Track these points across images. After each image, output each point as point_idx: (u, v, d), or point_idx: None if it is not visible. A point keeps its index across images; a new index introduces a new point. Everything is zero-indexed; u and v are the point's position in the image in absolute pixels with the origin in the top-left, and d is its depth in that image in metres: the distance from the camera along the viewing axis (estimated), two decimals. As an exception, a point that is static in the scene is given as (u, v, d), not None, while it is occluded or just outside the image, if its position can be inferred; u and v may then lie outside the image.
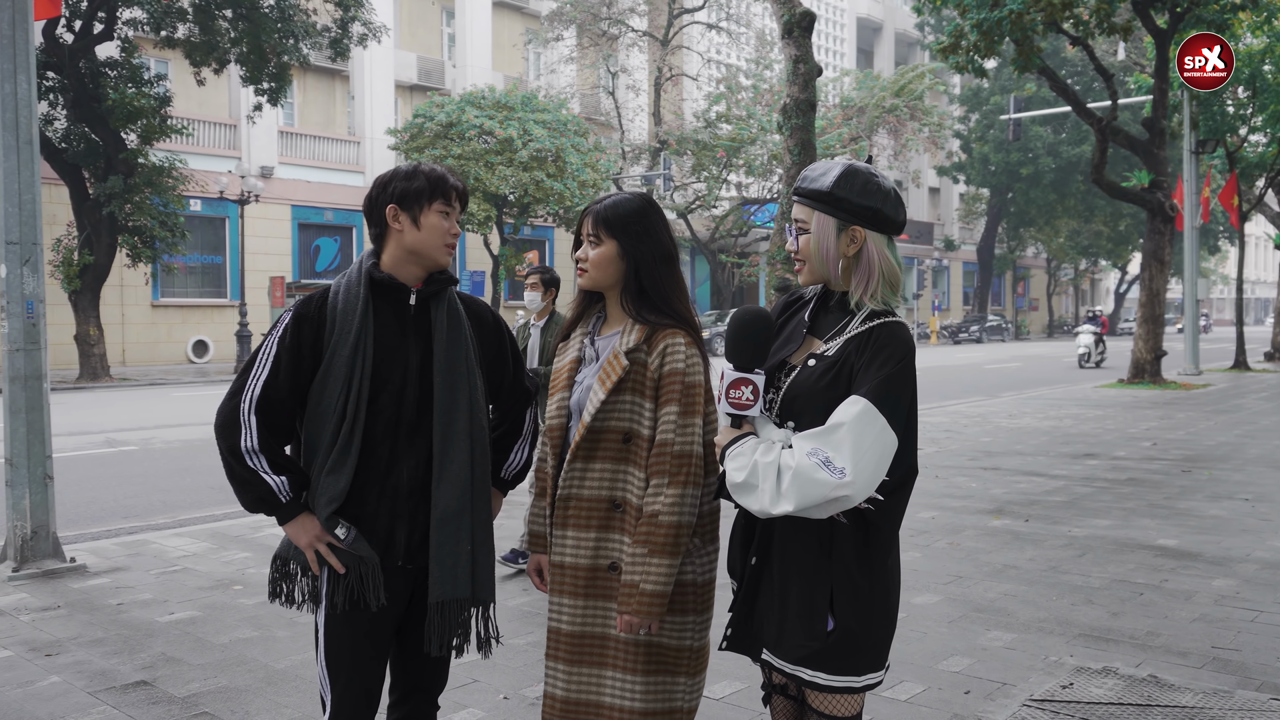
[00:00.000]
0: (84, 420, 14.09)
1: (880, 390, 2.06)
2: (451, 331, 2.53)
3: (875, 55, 53.59)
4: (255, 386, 2.43)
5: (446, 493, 2.47)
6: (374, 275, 2.49)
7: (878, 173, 2.21)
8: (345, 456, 2.41)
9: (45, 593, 5.46)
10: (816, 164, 2.26)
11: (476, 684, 4.07)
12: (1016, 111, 31.80)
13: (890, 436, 2.06)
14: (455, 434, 2.48)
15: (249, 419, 2.41)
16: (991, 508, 7.63)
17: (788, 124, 11.73)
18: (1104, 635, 4.61)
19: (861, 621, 2.16)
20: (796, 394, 2.20)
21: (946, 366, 27.99)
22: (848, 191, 2.16)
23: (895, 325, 2.18)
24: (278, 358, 2.44)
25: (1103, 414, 14.59)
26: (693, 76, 38.25)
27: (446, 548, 2.46)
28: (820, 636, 2.16)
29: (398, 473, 2.47)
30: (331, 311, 2.47)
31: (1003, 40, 17.32)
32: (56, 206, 23.67)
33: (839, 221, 2.18)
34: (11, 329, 5.93)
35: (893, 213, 2.19)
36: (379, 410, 2.45)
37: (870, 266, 2.19)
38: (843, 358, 2.16)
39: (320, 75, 31.83)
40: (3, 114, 5.99)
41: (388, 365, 2.47)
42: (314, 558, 2.45)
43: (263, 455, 2.40)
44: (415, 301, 2.53)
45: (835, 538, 2.17)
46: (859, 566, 2.16)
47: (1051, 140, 44.49)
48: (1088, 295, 71.56)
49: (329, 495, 2.41)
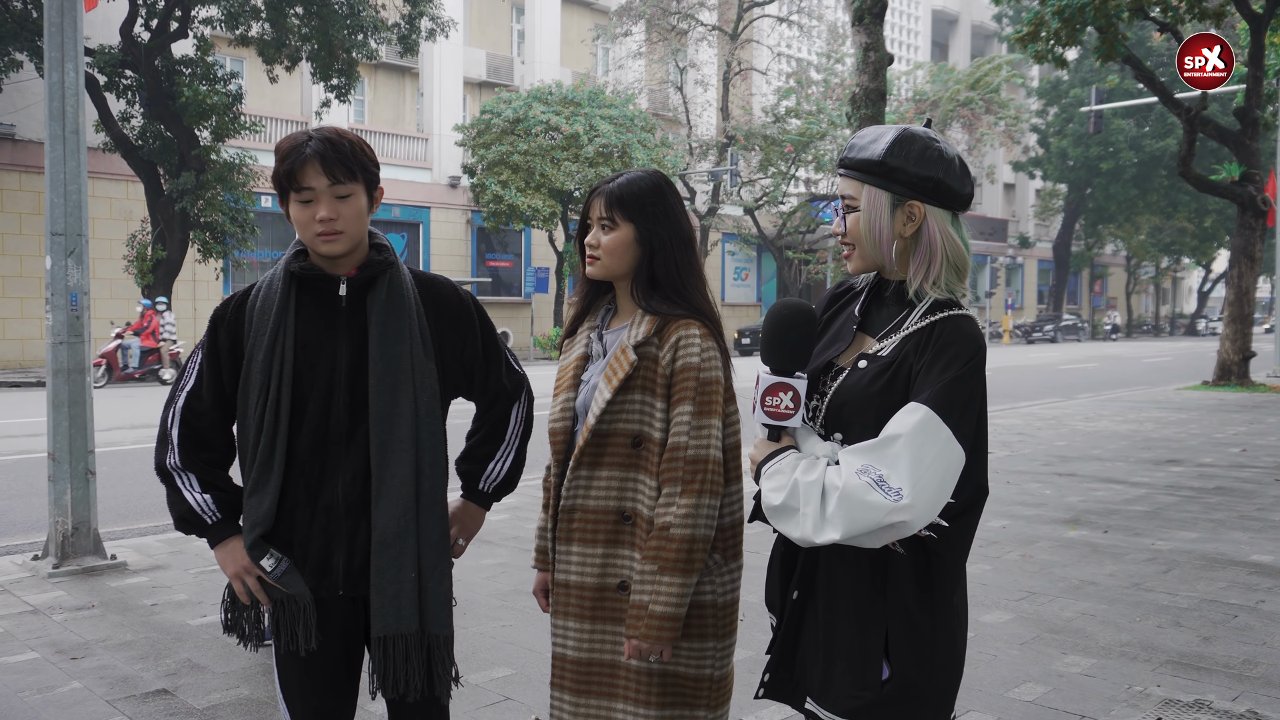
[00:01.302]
0: (148, 413, 14.24)
1: (944, 396, 1.75)
2: (390, 324, 2.19)
3: (951, 48, 52.47)
4: (179, 399, 2.24)
5: (386, 512, 2.15)
6: (290, 268, 2.20)
7: (938, 137, 1.87)
8: (267, 473, 2.14)
9: (82, 591, 5.36)
10: (866, 130, 1.92)
11: (508, 702, 3.83)
12: (1098, 103, 30.77)
13: (956, 451, 1.75)
14: (396, 443, 2.17)
15: (172, 433, 2.23)
16: (1067, 517, 7.19)
17: (856, 114, 11.33)
18: (1194, 663, 4.21)
19: (922, 669, 1.83)
20: (845, 400, 1.88)
21: (1019, 366, 27.19)
22: (903, 160, 1.83)
23: (962, 319, 1.84)
24: (201, 366, 2.23)
25: (1186, 417, 13.91)
26: (762, 71, 37.77)
27: (388, 575, 2.15)
28: (874, 686, 1.84)
29: (330, 489, 2.18)
30: (250, 312, 2.20)
31: (1085, 28, 16.67)
32: (133, 203, 24.13)
33: (893, 196, 1.85)
34: (55, 321, 5.84)
35: (957, 184, 1.86)
36: (305, 419, 2.16)
37: (932, 248, 1.85)
38: (899, 358, 1.84)
39: (390, 73, 32.07)
40: (50, 103, 5.92)
41: (312, 368, 2.17)
42: (241, 589, 2.19)
43: (189, 472, 2.21)
44: (346, 292, 2.21)
45: (891, 570, 1.84)
46: (919, 604, 1.84)
47: (1134, 133, 43.05)
48: (1169, 294, 69.44)
49: (253, 519, 2.15)
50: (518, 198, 27.39)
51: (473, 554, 5.85)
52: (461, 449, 2.49)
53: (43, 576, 5.59)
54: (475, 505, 2.47)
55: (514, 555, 6.06)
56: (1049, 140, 45.76)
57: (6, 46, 19.39)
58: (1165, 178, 41.77)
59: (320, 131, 2.15)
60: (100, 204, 23.97)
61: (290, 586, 2.15)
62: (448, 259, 31.87)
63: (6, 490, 8.48)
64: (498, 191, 27.47)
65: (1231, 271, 18.88)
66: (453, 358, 2.33)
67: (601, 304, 2.30)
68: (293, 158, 2.11)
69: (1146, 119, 43.33)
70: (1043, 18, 16.61)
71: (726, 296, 40.52)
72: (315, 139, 2.12)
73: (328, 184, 2.12)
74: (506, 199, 27.40)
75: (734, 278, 41.26)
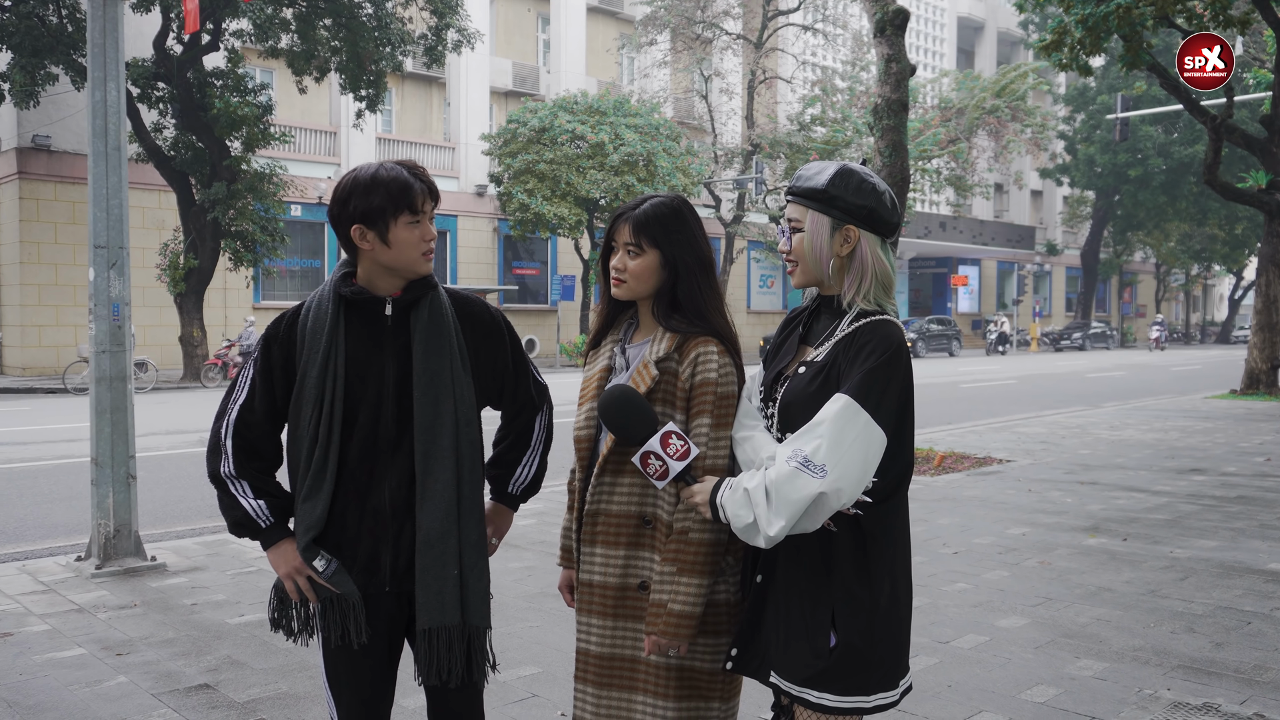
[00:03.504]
0: (182, 419, 14.51)
1: (862, 384, 2.02)
2: (432, 340, 2.37)
3: (976, 55, 52.31)
4: (232, 411, 2.39)
5: (430, 514, 2.32)
6: (341, 291, 2.37)
7: (872, 174, 2.17)
8: (320, 481, 2.31)
9: (124, 591, 5.55)
10: (811, 164, 2.22)
11: (535, 699, 3.97)
12: (1124, 111, 30.60)
13: (876, 433, 2.00)
14: (438, 451, 2.34)
15: (226, 444, 2.37)
16: (1087, 525, 7.26)
17: (879, 125, 11.41)
18: (1205, 668, 4.29)
19: (865, 637, 2.08)
20: (789, 402, 2.16)
21: (1046, 374, 27.09)
22: (842, 190, 2.13)
23: (881, 322, 2.12)
24: (253, 381, 2.38)
25: (1212, 426, 13.88)
26: (787, 79, 37.82)
27: (432, 572, 2.32)
28: (824, 654, 2.08)
29: (379, 494, 2.35)
30: (301, 331, 2.36)
31: (1110, 36, 16.62)
32: (165, 212, 24.55)
33: (833, 220, 2.15)
34: (98, 331, 6.05)
35: (887, 214, 2.16)
36: (356, 430, 2.34)
37: (863, 267, 2.15)
38: (831, 360, 2.12)
39: (418, 83, 32.41)
40: (93, 120, 6.14)
41: (362, 382, 2.34)
42: (293, 588, 2.36)
43: (243, 480, 2.36)
44: (391, 312, 2.38)
45: (834, 550, 2.10)
46: (858, 579, 2.09)
47: (1162, 140, 42.78)
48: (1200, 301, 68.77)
49: (306, 523, 2.31)
50: (544, 206, 27.62)
51: (501, 557, 6.00)
52: (490, 455, 2.65)
53: (86, 577, 5.79)
54: (504, 506, 2.65)
55: (540, 559, 6.20)
56: (1076, 147, 45.51)
57: (43, 60, 19.82)
58: (1194, 184, 41.41)
59: (412, 166, 2.35)
60: (134, 213, 24.41)
61: (339, 586, 2.31)
62: (475, 267, 32.16)
63: (50, 494, 8.73)
64: (524, 200, 27.72)
65: (1259, 280, 18.77)
66: (486, 371, 2.50)
67: (624, 319, 2.46)
68: (410, 188, 2.30)
69: (1174, 125, 43.05)
70: (1066, 27, 16.59)
71: (752, 304, 40.61)
72: (418, 171, 2.34)
73: (432, 207, 2.36)
74: (532, 207, 27.64)
75: (759, 285, 41.34)
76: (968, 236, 45.13)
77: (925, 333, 38.73)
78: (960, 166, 35.06)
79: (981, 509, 7.88)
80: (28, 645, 4.61)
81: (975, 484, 9.07)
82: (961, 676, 4.19)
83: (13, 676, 4.21)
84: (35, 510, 8.06)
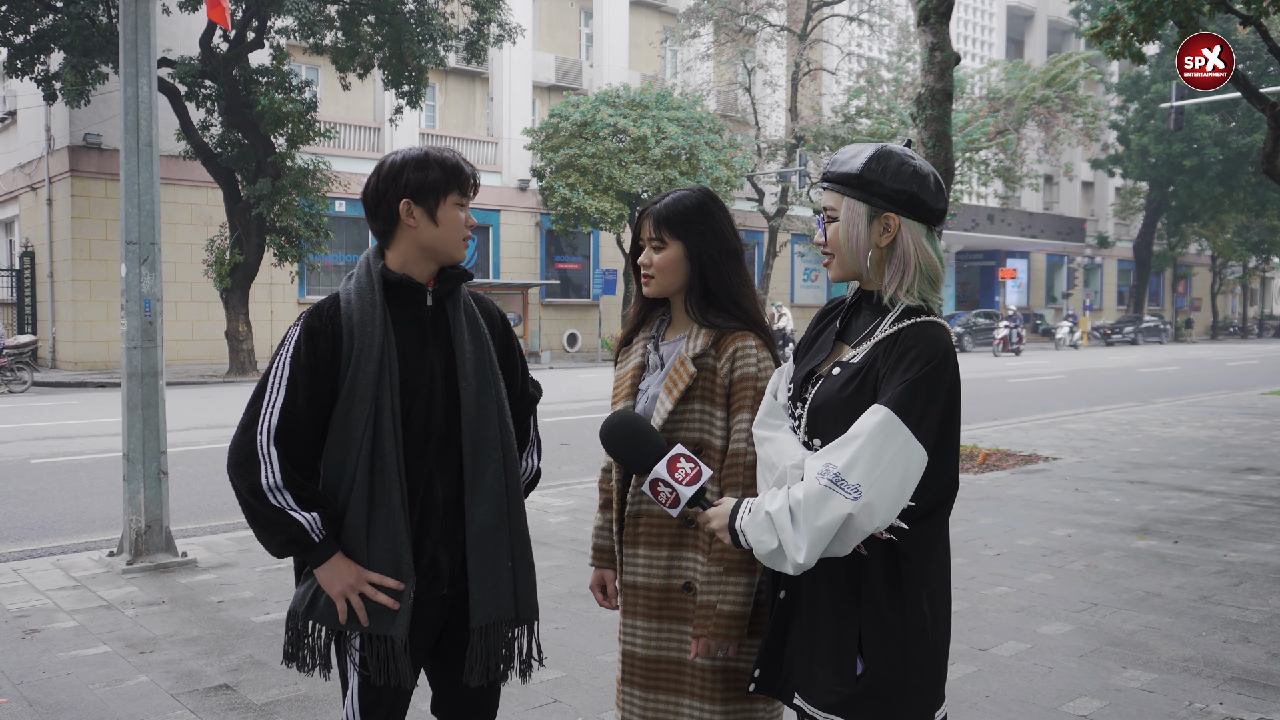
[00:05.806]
0: (225, 414, 14.64)
1: (904, 397, 1.81)
2: (472, 331, 2.32)
3: (1026, 44, 51.41)
4: (272, 415, 2.16)
5: (482, 507, 2.26)
6: (388, 277, 2.25)
7: (915, 155, 1.96)
8: (388, 484, 2.18)
9: (153, 587, 5.54)
10: (847, 148, 2.01)
11: (556, 704, 3.88)
12: (1179, 99, 29.88)
13: (917, 451, 1.80)
14: (485, 441, 2.28)
15: (268, 451, 2.13)
16: (1136, 526, 7.02)
17: (922, 115, 11.19)
18: (1261, 680, 4.08)
19: (895, 665, 1.89)
20: (820, 405, 1.97)
21: (1095, 370, 26.55)
22: (879, 175, 1.93)
23: (928, 325, 1.91)
24: (293, 379, 2.18)
25: (1270, 423, 13.46)
26: (831, 71, 37.42)
27: (486, 567, 2.26)
28: (850, 681, 1.91)
29: (432, 491, 2.25)
30: (347, 322, 2.21)
31: (1164, 22, 16.17)
32: (213, 209, 24.83)
33: (870, 208, 1.95)
34: (130, 327, 6.05)
35: (931, 199, 1.94)
36: (409, 424, 2.24)
37: (905, 258, 1.94)
38: (869, 363, 1.92)
39: (460, 78, 32.49)
40: (125, 117, 6.14)
41: (414, 376, 2.24)
42: (344, 607, 2.17)
43: (287, 491, 2.13)
44: (432, 302, 2.30)
45: (865, 571, 1.91)
46: (890, 603, 1.90)
47: (1219, 129, 41.71)
48: (1257, 294, 67.15)
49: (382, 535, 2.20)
50: (586, 200, 27.56)
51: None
52: None
53: (117, 573, 5.80)
54: None
55: (571, 557, 6.11)
56: (1129, 137, 44.56)
57: (94, 59, 20.09)
58: (1253, 174, 40.34)
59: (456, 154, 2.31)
60: (181, 210, 24.73)
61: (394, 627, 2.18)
62: (517, 261, 32.20)
63: (89, 488, 8.80)
64: (566, 194, 27.67)
65: (1320, 272, 18.22)
66: (503, 365, 2.44)
67: (656, 315, 2.42)
68: (461, 169, 2.27)
69: (1232, 114, 41.96)
70: (1119, 13, 16.17)
71: (796, 298, 40.28)
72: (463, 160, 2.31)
73: (473, 197, 2.31)
74: (575, 202, 27.58)
75: (804, 279, 40.99)
76: (1016, 229, 44.37)
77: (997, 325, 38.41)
78: (1009, 158, 34.43)
79: (1026, 509, 7.66)
80: (54, 642, 4.61)
81: (1020, 482, 8.84)
82: (1000, 686, 4.03)
83: (36, 675, 4.20)
84: (74, 504, 8.13)
